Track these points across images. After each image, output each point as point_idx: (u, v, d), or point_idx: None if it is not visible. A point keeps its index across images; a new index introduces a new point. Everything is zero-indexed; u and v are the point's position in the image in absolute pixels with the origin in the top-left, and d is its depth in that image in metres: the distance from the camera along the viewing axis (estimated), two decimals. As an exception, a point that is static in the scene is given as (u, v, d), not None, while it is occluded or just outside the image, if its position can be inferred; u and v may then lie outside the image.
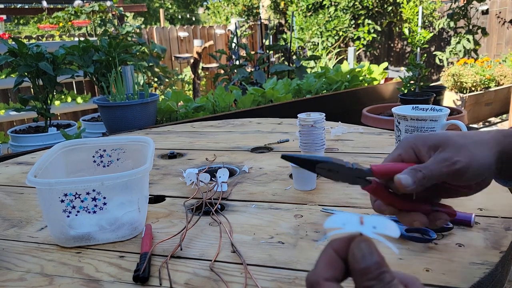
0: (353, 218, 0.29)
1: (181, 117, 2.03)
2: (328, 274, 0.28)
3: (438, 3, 6.10)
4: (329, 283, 0.28)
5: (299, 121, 0.91)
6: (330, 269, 0.28)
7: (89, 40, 1.93)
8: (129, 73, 1.87)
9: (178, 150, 1.16)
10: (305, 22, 6.75)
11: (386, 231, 0.28)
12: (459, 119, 2.07)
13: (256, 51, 4.26)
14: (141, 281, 0.54)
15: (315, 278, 0.28)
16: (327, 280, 0.28)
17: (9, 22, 8.92)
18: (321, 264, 0.29)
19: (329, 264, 0.28)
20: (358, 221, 0.28)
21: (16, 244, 0.66)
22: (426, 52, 6.16)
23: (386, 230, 0.28)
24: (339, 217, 0.29)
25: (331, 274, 0.28)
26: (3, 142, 2.30)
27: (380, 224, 0.28)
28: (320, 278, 0.28)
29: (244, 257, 0.58)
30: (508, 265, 0.57)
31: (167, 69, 4.66)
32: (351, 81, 2.75)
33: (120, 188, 0.63)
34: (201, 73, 6.30)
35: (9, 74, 1.98)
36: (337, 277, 0.28)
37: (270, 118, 1.53)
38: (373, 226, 0.28)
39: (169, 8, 16.44)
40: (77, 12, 4.75)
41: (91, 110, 3.64)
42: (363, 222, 0.28)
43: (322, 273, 0.28)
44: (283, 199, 0.78)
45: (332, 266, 0.28)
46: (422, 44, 4.85)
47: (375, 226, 0.28)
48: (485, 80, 3.95)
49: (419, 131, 0.85)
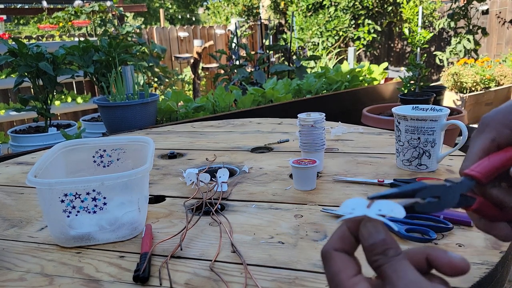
0: (362, 202, 0.32)
1: (181, 117, 2.03)
2: (338, 245, 0.32)
3: (438, 3, 6.10)
4: (337, 253, 0.32)
5: (299, 121, 0.91)
6: (341, 242, 0.32)
7: (89, 40, 1.93)
8: (129, 73, 1.87)
9: (178, 150, 1.16)
10: (305, 22, 6.75)
11: (391, 212, 0.31)
12: (459, 119, 2.07)
13: (256, 51, 4.26)
14: (141, 281, 0.54)
15: (326, 248, 0.32)
16: (336, 250, 0.32)
17: (9, 22, 8.92)
18: (334, 237, 0.32)
19: (341, 238, 0.32)
20: (365, 205, 0.32)
21: (16, 244, 0.66)
22: (426, 52, 6.16)
23: (391, 212, 0.31)
24: (350, 202, 0.32)
25: (341, 246, 0.32)
26: (3, 142, 2.30)
27: (385, 207, 0.31)
28: (331, 248, 0.32)
29: (244, 257, 0.58)
30: (508, 265, 0.57)
31: (167, 69, 4.65)
32: (351, 81, 2.75)
33: (120, 188, 0.63)
34: (201, 73, 6.30)
35: (9, 74, 1.98)
36: (346, 249, 0.32)
37: (270, 118, 1.53)
38: (379, 209, 0.31)
39: (169, 8, 16.44)
40: (77, 12, 4.75)
41: (91, 110, 3.64)
42: (370, 206, 0.32)
43: (333, 244, 0.32)
44: (283, 199, 0.78)
45: (343, 239, 0.32)
46: (422, 44, 4.85)
47: (380, 209, 0.31)
48: (485, 80, 3.95)
49: (419, 131, 0.85)
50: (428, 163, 0.87)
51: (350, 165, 0.95)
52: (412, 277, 0.29)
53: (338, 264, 0.31)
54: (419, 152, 0.87)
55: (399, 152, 0.90)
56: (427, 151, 0.86)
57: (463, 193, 0.36)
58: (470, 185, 0.36)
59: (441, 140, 0.87)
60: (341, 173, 0.89)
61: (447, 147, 0.95)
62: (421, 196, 0.35)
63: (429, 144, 0.85)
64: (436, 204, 0.35)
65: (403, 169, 0.90)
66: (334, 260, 0.31)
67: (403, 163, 0.89)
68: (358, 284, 0.30)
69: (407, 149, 0.88)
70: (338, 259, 0.31)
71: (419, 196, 0.35)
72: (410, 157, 0.88)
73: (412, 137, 0.86)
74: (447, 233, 0.61)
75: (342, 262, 0.31)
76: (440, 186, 0.35)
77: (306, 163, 0.81)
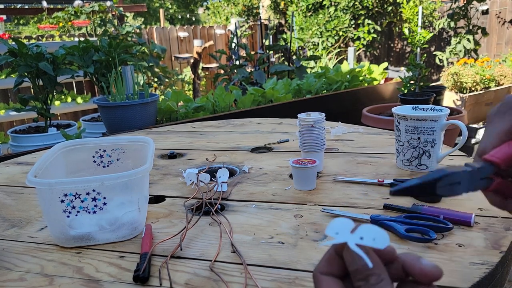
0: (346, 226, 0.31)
1: (181, 117, 2.03)
2: (324, 269, 0.32)
3: (438, 3, 6.10)
4: (323, 276, 0.32)
5: (299, 121, 0.91)
6: (328, 265, 0.32)
7: (89, 40, 1.93)
8: (129, 73, 1.87)
9: (178, 150, 1.16)
10: (305, 22, 6.75)
11: (372, 242, 0.30)
12: (459, 119, 2.07)
13: (256, 51, 4.26)
14: (141, 281, 0.54)
15: (314, 272, 0.33)
16: (322, 274, 0.32)
17: (9, 22, 8.92)
18: (322, 260, 0.33)
19: (328, 261, 0.33)
20: (350, 229, 0.31)
21: (16, 244, 0.66)
22: (426, 52, 6.16)
23: (373, 241, 0.30)
24: (335, 224, 0.32)
25: (327, 270, 0.32)
26: (3, 142, 2.30)
27: (368, 234, 0.31)
28: (317, 272, 0.33)
29: (244, 257, 0.58)
30: (508, 265, 0.57)
31: (167, 69, 4.65)
32: (351, 81, 2.75)
33: (120, 188, 0.63)
34: (201, 73, 6.30)
35: (9, 74, 1.98)
36: (333, 272, 0.32)
37: (270, 118, 1.53)
38: (361, 236, 0.31)
39: (169, 8, 16.44)
40: (77, 12, 4.75)
41: (91, 110, 3.64)
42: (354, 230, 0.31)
43: (320, 268, 0.33)
44: (283, 199, 0.78)
45: (330, 262, 0.32)
46: (422, 44, 4.85)
47: (363, 236, 0.31)
48: (485, 80, 3.95)
49: (419, 131, 0.85)
50: (428, 163, 0.87)
51: (350, 165, 0.95)
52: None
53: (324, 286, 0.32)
54: (419, 152, 0.87)
55: (399, 152, 0.90)
56: (427, 151, 0.86)
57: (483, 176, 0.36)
58: (490, 171, 0.36)
59: (441, 140, 0.87)
60: (341, 173, 0.89)
61: (447, 147, 0.95)
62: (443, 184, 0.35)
63: (429, 144, 0.85)
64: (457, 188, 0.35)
65: (403, 169, 0.90)
66: (319, 283, 0.32)
67: (403, 163, 0.89)
68: None
69: (407, 149, 0.88)
70: (324, 282, 0.32)
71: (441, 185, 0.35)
72: (410, 157, 0.88)
73: (412, 137, 0.86)
74: (447, 233, 0.61)
75: (328, 285, 0.32)
76: (460, 172, 0.35)
77: (306, 163, 0.81)
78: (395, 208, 0.70)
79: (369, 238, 0.31)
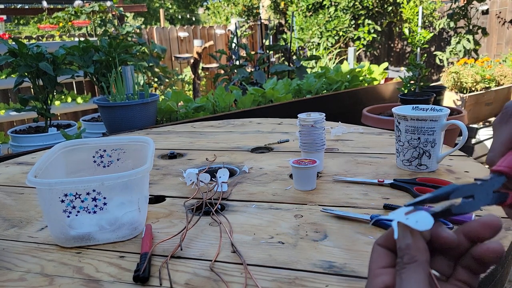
0: (404, 210, 0.35)
1: (181, 117, 2.03)
2: (381, 240, 0.35)
3: (438, 3, 6.10)
4: (378, 246, 0.35)
5: (299, 121, 0.91)
6: (385, 239, 0.35)
7: (89, 40, 1.93)
8: (129, 73, 1.87)
9: (178, 150, 1.16)
10: (305, 22, 6.75)
11: (414, 224, 0.33)
12: (459, 119, 2.07)
13: (256, 51, 4.26)
14: (141, 281, 0.54)
15: (374, 243, 0.35)
16: (379, 245, 0.35)
17: (9, 22, 8.92)
18: (383, 234, 0.35)
19: (386, 236, 0.35)
20: (405, 212, 0.34)
21: (16, 244, 0.66)
22: (426, 52, 6.16)
23: (415, 224, 0.33)
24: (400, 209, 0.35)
25: (384, 243, 0.35)
26: (3, 142, 2.30)
27: (414, 217, 0.33)
28: (376, 243, 0.35)
29: (244, 257, 0.58)
30: (508, 265, 0.57)
31: (167, 69, 4.65)
32: (351, 81, 2.75)
33: (120, 188, 0.63)
34: (201, 73, 6.30)
35: (9, 74, 1.98)
36: (388, 246, 0.34)
37: (270, 118, 1.53)
38: (407, 217, 0.33)
39: (169, 8, 16.44)
40: (77, 12, 4.75)
41: (91, 110, 3.64)
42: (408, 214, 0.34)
43: (379, 240, 0.35)
44: (283, 199, 0.78)
45: (387, 237, 0.35)
46: (422, 44, 4.85)
47: (408, 218, 0.33)
48: (485, 80, 3.95)
49: (419, 131, 0.85)
50: (428, 163, 0.87)
51: (350, 165, 0.95)
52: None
53: (374, 255, 0.34)
54: (419, 152, 0.87)
55: (399, 152, 0.90)
56: (427, 151, 0.86)
57: (495, 189, 0.36)
58: (500, 181, 0.36)
59: (441, 140, 0.87)
60: (341, 173, 0.89)
61: (447, 147, 0.95)
62: (455, 197, 0.35)
63: (429, 144, 0.85)
64: (471, 204, 0.35)
65: (403, 169, 0.90)
66: (373, 252, 0.35)
67: (403, 163, 0.89)
68: (382, 275, 0.33)
69: (407, 149, 0.88)
70: (375, 252, 0.35)
71: (453, 198, 0.35)
72: (410, 157, 0.88)
73: (412, 137, 0.86)
74: (447, 233, 0.61)
75: (378, 254, 0.34)
76: (472, 185, 0.35)
77: (306, 163, 0.81)
78: (395, 208, 0.70)
79: (413, 220, 0.33)
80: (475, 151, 3.24)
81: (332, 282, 0.52)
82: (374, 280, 0.33)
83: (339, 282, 0.52)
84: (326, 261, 0.56)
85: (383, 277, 0.32)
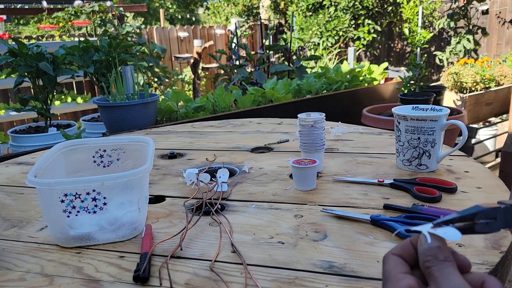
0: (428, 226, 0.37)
1: (181, 117, 2.03)
2: (397, 251, 0.37)
3: (438, 3, 6.10)
4: (394, 256, 0.36)
5: (299, 121, 0.91)
6: (400, 249, 0.37)
7: (89, 40, 1.93)
8: (129, 73, 1.87)
9: (178, 150, 1.16)
10: (305, 22, 6.75)
11: (443, 235, 0.35)
12: (459, 119, 2.07)
13: (256, 51, 4.26)
14: (141, 281, 0.54)
15: (387, 253, 0.37)
16: (394, 254, 0.37)
17: (9, 22, 8.91)
18: (397, 246, 0.37)
19: (402, 246, 0.37)
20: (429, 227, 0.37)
21: (16, 244, 0.66)
22: (426, 52, 6.16)
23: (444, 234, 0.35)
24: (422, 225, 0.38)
25: (399, 252, 0.37)
26: (3, 142, 2.30)
27: (443, 230, 0.36)
28: (390, 253, 0.37)
29: (244, 257, 0.58)
30: (508, 265, 0.57)
31: (167, 69, 4.65)
32: (351, 81, 2.75)
33: (120, 188, 0.63)
34: (201, 73, 6.30)
35: (9, 74, 1.98)
36: (403, 256, 0.36)
37: (270, 118, 1.53)
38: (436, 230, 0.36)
39: (169, 8, 16.43)
40: (77, 12, 4.75)
41: (91, 110, 3.64)
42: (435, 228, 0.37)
43: (393, 250, 0.37)
44: (283, 199, 0.78)
45: (402, 248, 0.37)
46: (422, 44, 4.84)
47: (437, 230, 0.36)
48: (485, 80, 3.95)
49: (419, 131, 0.85)
50: (428, 163, 0.87)
51: (350, 165, 0.95)
52: (458, 281, 0.32)
53: (391, 263, 0.36)
54: (419, 152, 0.87)
55: (399, 152, 0.90)
56: (427, 151, 0.86)
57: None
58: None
59: (441, 140, 0.87)
60: (341, 173, 0.89)
61: (447, 147, 0.95)
62: (479, 219, 0.38)
63: (429, 144, 0.85)
64: (494, 225, 0.38)
65: (403, 169, 0.90)
66: (389, 260, 0.36)
67: (403, 163, 0.89)
68: (405, 279, 0.34)
69: (407, 149, 0.88)
70: (393, 260, 0.36)
71: (478, 219, 0.38)
72: (410, 157, 0.88)
73: (412, 137, 0.86)
74: (447, 233, 0.61)
75: (395, 262, 0.36)
76: (496, 208, 0.38)
77: (306, 163, 0.81)
78: (395, 208, 0.70)
79: (442, 231, 0.36)
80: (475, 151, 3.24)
81: (332, 282, 0.52)
82: (398, 283, 0.34)
83: (339, 282, 0.52)
84: (326, 261, 0.56)
85: (407, 280, 0.34)
